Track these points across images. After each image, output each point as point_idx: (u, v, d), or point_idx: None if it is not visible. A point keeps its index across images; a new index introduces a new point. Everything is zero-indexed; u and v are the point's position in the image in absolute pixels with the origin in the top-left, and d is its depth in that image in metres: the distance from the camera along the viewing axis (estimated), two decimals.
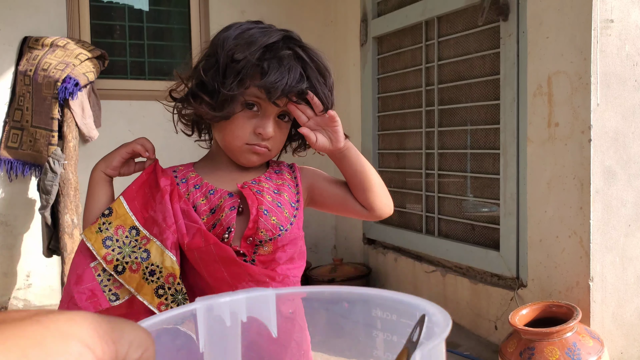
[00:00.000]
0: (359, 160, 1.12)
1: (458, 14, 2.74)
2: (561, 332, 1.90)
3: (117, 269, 0.98)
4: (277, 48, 1.00)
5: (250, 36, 1.01)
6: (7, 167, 3.11)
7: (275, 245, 1.04)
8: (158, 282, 0.98)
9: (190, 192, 1.06)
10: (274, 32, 1.03)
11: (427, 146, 2.97)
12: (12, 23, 3.16)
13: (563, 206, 2.18)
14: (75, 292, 0.97)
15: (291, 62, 1.00)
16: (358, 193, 1.13)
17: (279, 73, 0.98)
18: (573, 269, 2.14)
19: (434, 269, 2.93)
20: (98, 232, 1.01)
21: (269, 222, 1.03)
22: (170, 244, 0.99)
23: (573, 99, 2.12)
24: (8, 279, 3.20)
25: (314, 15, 3.79)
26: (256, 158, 1.07)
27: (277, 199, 1.07)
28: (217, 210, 1.03)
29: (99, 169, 1.08)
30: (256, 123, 1.03)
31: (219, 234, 1.01)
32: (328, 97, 1.05)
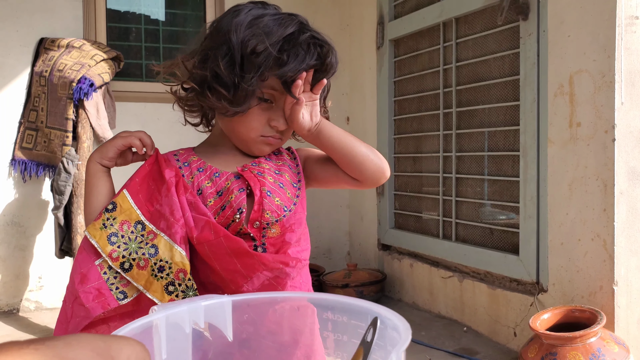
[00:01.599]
0: (335, 133, 1.06)
1: (476, 14, 2.70)
2: (585, 337, 1.83)
3: (123, 266, 0.94)
4: (295, 38, 0.98)
5: (266, 26, 0.98)
6: (22, 168, 3.11)
7: (283, 226, 1.01)
8: (168, 278, 0.94)
9: (194, 176, 1.02)
10: (288, 20, 1.00)
11: (445, 149, 2.93)
12: (29, 25, 3.17)
13: (585, 208, 2.11)
14: (81, 291, 0.94)
15: (310, 49, 0.99)
16: (343, 166, 1.08)
17: (297, 62, 0.96)
18: (596, 273, 2.08)
19: (451, 275, 2.87)
20: (102, 228, 0.96)
21: (273, 203, 1.01)
22: (180, 238, 0.95)
23: (596, 98, 2.07)
24: (20, 280, 3.19)
25: (329, 18, 3.77)
26: (269, 148, 1.06)
27: (279, 179, 1.05)
28: (224, 192, 1.00)
29: (94, 160, 1.03)
30: (270, 115, 1.01)
31: (228, 216, 0.98)
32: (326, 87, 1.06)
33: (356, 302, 0.69)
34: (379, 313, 0.63)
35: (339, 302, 0.71)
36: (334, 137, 1.06)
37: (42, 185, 3.20)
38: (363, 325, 0.64)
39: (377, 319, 0.61)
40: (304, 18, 1.05)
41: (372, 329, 0.60)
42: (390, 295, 3.34)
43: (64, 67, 2.98)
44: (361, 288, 3.14)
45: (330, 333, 0.72)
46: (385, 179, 1.10)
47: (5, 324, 2.94)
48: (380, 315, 0.62)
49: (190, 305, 0.68)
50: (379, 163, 1.07)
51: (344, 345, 0.71)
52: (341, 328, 0.70)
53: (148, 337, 0.64)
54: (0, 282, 3.16)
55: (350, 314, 0.69)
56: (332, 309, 0.71)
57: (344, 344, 0.71)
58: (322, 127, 1.05)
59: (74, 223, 2.81)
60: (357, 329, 0.68)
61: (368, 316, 0.64)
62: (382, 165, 1.08)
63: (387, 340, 0.61)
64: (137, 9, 3.57)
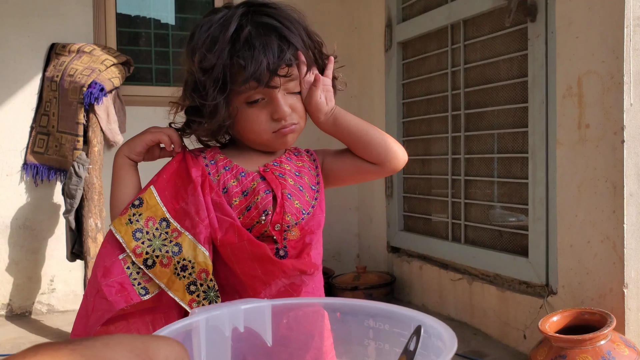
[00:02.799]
0: (350, 117, 1.08)
1: (484, 16, 2.70)
2: (595, 340, 1.82)
3: (146, 263, 0.94)
4: (242, 33, 0.96)
5: (210, 35, 0.98)
6: (33, 172, 3.14)
7: (302, 229, 1.01)
8: (190, 277, 0.94)
9: (220, 174, 1.02)
10: (232, 17, 0.98)
11: (453, 151, 2.92)
12: (40, 30, 3.21)
13: (595, 210, 2.10)
14: (104, 284, 0.93)
15: (262, 38, 0.96)
16: (361, 151, 1.08)
17: (255, 59, 0.95)
18: (606, 275, 2.07)
19: (460, 277, 2.86)
20: (128, 223, 0.96)
21: (293, 206, 1.01)
22: (204, 238, 0.95)
23: (605, 99, 2.06)
24: (32, 283, 3.22)
25: (337, 21, 3.78)
26: (290, 137, 1.04)
27: (299, 182, 1.04)
28: (250, 192, 1.00)
29: (122, 153, 1.04)
30: (269, 111, 1.00)
31: (253, 217, 0.98)
32: (315, 52, 1.02)
33: (399, 310, 0.67)
34: (423, 321, 0.61)
35: (381, 309, 0.69)
36: (351, 121, 1.08)
37: (53, 189, 3.23)
38: (406, 334, 0.62)
39: (420, 328, 0.59)
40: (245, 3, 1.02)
41: (415, 338, 0.58)
42: (400, 298, 3.34)
43: (75, 72, 3.01)
44: (370, 290, 3.14)
45: (372, 341, 0.70)
46: (403, 162, 1.10)
47: (18, 327, 2.97)
48: (424, 324, 0.60)
49: (231, 309, 0.67)
50: (395, 145, 1.09)
51: (386, 354, 0.69)
52: (383, 336, 0.68)
53: (188, 339, 0.63)
54: (13, 285, 3.19)
55: (393, 321, 0.67)
56: (374, 317, 0.69)
57: (385, 353, 0.69)
58: (337, 113, 1.07)
59: (85, 226, 2.84)
60: (400, 337, 0.66)
61: (411, 324, 0.62)
62: (398, 147, 1.09)
63: (431, 350, 0.59)
64: (147, 13, 3.59)
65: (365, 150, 1.07)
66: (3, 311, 3.17)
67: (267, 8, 1.01)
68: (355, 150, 1.09)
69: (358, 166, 1.10)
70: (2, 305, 3.18)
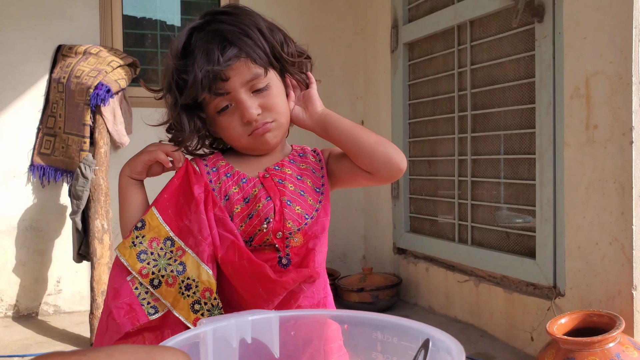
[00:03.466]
0: (342, 122, 1.05)
1: (491, 17, 2.69)
2: (603, 342, 1.81)
3: (153, 283, 0.95)
4: (187, 47, 0.99)
5: (167, 54, 1.02)
6: (40, 173, 3.15)
7: (305, 234, 1.00)
8: (194, 296, 0.95)
9: (221, 181, 1.02)
10: (182, 33, 1.01)
11: (460, 152, 2.91)
12: (47, 32, 3.22)
13: (603, 211, 2.09)
14: (114, 307, 0.95)
15: (203, 47, 0.97)
16: (354, 159, 1.04)
17: (194, 68, 0.96)
18: (614, 277, 2.05)
19: (467, 279, 2.85)
20: (132, 246, 0.98)
21: (294, 212, 1.00)
22: (207, 256, 0.95)
23: (613, 100, 2.05)
24: (39, 284, 3.23)
25: (343, 23, 3.78)
26: (269, 136, 1.02)
27: (300, 186, 1.04)
28: (251, 199, 1.00)
29: (124, 174, 1.05)
30: (238, 115, 1.00)
31: (255, 225, 0.98)
32: (267, 53, 1.00)
33: (407, 323, 0.67)
34: (431, 334, 0.61)
35: (389, 322, 0.69)
36: (341, 126, 1.04)
37: (60, 191, 3.24)
38: (414, 347, 0.62)
39: (428, 341, 0.59)
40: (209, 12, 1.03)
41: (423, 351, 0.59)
42: (406, 300, 3.33)
43: (82, 74, 3.02)
44: (377, 292, 3.13)
45: (380, 354, 0.70)
46: (399, 171, 1.03)
47: (25, 328, 2.98)
48: (432, 337, 0.60)
49: (238, 320, 0.67)
50: (390, 153, 1.02)
51: None
52: (391, 349, 0.68)
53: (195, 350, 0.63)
54: (20, 286, 3.20)
55: (401, 334, 0.67)
56: (381, 329, 0.69)
57: None
58: (329, 119, 1.05)
59: (92, 228, 2.84)
60: (408, 350, 0.66)
61: (419, 337, 0.62)
62: (393, 155, 1.02)
63: None
64: (152, 15, 3.60)
65: (357, 156, 1.04)
66: (10, 312, 3.18)
67: (220, 15, 1.01)
68: (348, 154, 1.06)
69: (353, 172, 1.06)
70: (9, 306, 3.19)
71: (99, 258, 2.79)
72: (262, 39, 0.99)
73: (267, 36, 1.01)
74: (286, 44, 1.04)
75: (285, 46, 1.04)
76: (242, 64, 0.97)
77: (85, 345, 2.67)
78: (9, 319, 3.14)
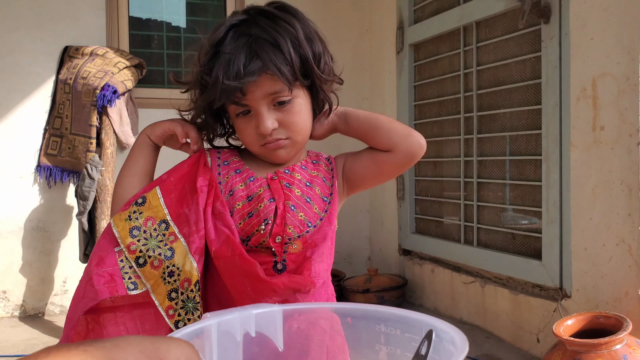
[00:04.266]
0: (360, 112, 1.08)
1: (497, 18, 2.68)
2: (610, 344, 1.80)
3: (138, 261, 0.95)
4: (221, 44, 0.96)
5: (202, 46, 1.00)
6: (47, 174, 3.16)
7: (305, 242, 0.98)
8: (174, 284, 0.94)
9: (229, 176, 1.02)
10: (225, 23, 0.98)
11: (466, 154, 2.91)
12: (54, 33, 3.23)
13: (610, 213, 2.08)
14: (95, 273, 0.94)
15: (233, 51, 0.94)
16: (373, 140, 1.06)
17: (216, 74, 0.94)
18: (621, 279, 2.05)
19: (472, 280, 2.84)
20: (127, 220, 0.97)
21: (296, 218, 0.98)
22: (195, 248, 0.95)
23: (620, 101, 2.04)
24: (45, 284, 3.24)
25: (349, 24, 3.78)
26: (280, 152, 1.02)
27: (307, 193, 1.02)
28: (254, 198, 0.99)
29: (144, 132, 1.05)
30: (255, 123, 0.99)
31: (254, 224, 0.97)
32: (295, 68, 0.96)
33: (410, 315, 0.66)
34: (434, 325, 0.61)
35: (392, 314, 0.68)
36: (360, 114, 1.08)
37: (66, 191, 3.25)
38: (417, 338, 0.62)
39: (432, 332, 0.59)
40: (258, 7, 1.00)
41: (426, 342, 0.58)
42: (412, 301, 3.33)
43: (88, 75, 3.03)
44: (382, 293, 3.13)
45: (383, 346, 0.70)
46: (419, 146, 1.05)
47: (32, 328, 2.99)
48: (435, 328, 0.60)
49: (242, 313, 0.67)
50: (409, 129, 1.07)
51: (397, 358, 0.68)
52: (394, 341, 0.68)
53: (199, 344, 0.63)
54: (26, 286, 3.21)
55: (404, 326, 0.67)
56: (385, 322, 0.69)
57: (397, 358, 0.68)
58: (347, 113, 1.08)
59: (98, 228, 2.85)
60: (411, 342, 0.65)
61: (422, 329, 0.62)
62: (412, 131, 1.06)
63: (443, 354, 0.59)
64: (158, 16, 3.61)
65: (376, 137, 1.05)
66: (16, 312, 3.20)
67: (260, 16, 0.98)
68: (368, 140, 1.07)
69: (375, 158, 1.06)
70: (16, 306, 3.20)
71: None
72: (293, 52, 0.95)
73: (302, 48, 0.97)
74: (323, 58, 1.01)
75: (320, 61, 1.00)
76: (266, 78, 0.94)
77: None
78: (15, 318, 3.16)
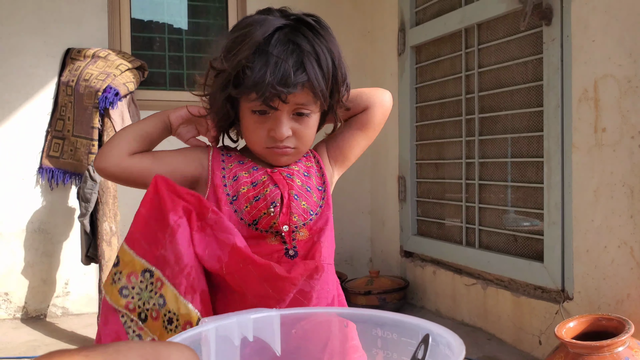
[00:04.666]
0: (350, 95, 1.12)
1: (499, 20, 2.69)
2: (612, 346, 1.80)
3: (140, 317, 0.96)
4: (269, 43, 0.96)
5: (239, 35, 0.98)
6: (49, 176, 3.17)
7: (310, 229, 1.02)
8: (176, 330, 0.93)
9: (233, 164, 1.05)
10: (270, 23, 0.97)
11: (467, 155, 2.91)
12: (56, 35, 3.24)
13: (612, 215, 2.08)
14: (103, 333, 0.97)
15: (281, 56, 0.95)
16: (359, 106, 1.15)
17: (262, 74, 0.94)
18: (623, 281, 2.04)
19: (474, 282, 2.84)
20: (112, 284, 0.98)
21: (300, 206, 1.02)
22: (184, 289, 0.93)
23: (622, 103, 2.04)
24: (47, 286, 3.24)
25: (350, 26, 3.78)
26: (284, 159, 1.05)
27: (307, 182, 1.06)
28: (259, 184, 1.02)
29: (165, 111, 1.08)
30: (269, 125, 1.00)
31: (261, 207, 0.99)
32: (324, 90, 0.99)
33: (407, 319, 0.67)
34: (431, 330, 0.61)
35: (389, 318, 0.69)
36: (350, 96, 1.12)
37: (68, 193, 3.25)
38: (414, 343, 0.62)
39: (428, 336, 0.59)
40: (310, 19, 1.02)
41: (423, 347, 0.59)
42: (413, 303, 3.33)
43: (90, 77, 3.04)
44: (384, 295, 3.13)
45: (380, 350, 0.70)
46: (389, 95, 1.20)
47: (33, 329, 2.99)
48: (432, 332, 0.60)
49: (240, 318, 0.68)
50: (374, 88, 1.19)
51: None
52: (391, 345, 0.68)
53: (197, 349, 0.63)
54: (28, 288, 3.21)
55: (401, 330, 0.67)
56: (381, 326, 0.69)
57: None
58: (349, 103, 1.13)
59: (100, 230, 2.85)
60: (408, 346, 0.66)
61: (419, 333, 0.62)
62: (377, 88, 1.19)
63: (439, 358, 0.59)
64: (160, 18, 3.62)
65: (360, 101, 1.13)
66: (18, 314, 3.20)
67: (306, 27, 0.99)
68: (355, 107, 1.14)
69: (356, 123, 1.15)
70: (18, 308, 3.20)
71: (107, 260, 2.80)
72: (331, 71, 0.99)
73: (337, 69, 1.01)
74: (346, 81, 1.06)
75: (344, 84, 1.05)
76: (303, 91, 0.97)
77: None
78: (17, 320, 3.16)
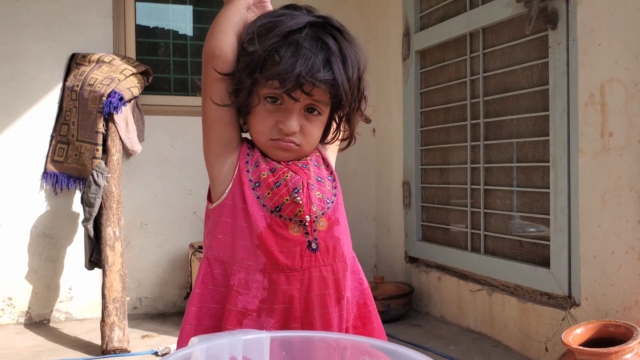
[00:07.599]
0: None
1: (504, 24, 2.67)
2: (620, 353, 1.78)
3: None
4: (299, 35, 0.96)
5: (271, 22, 0.98)
6: (53, 181, 3.17)
7: (329, 219, 1.03)
8: None
9: (255, 152, 1.05)
10: (298, 19, 0.98)
11: (473, 160, 2.89)
12: (61, 41, 3.25)
13: (619, 220, 2.06)
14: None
15: (311, 50, 0.95)
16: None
17: (291, 62, 0.94)
18: (631, 287, 2.02)
19: (479, 288, 2.82)
20: None
21: (315, 196, 1.03)
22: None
23: (629, 107, 2.02)
24: (51, 291, 3.24)
25: (355, 31, 3.69)
26: (285, 154, 1.04)
27: (318, 173, 1.07)
28: (277, 169, 1.03)
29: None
30: (278, 117, 1.00)
31: (283, 194, 1.00)
32: (347, 92, 0.99)
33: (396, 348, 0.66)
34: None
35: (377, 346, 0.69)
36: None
37: (72, 198, 3.25)
38: None
39: None
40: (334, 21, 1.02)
41: None
42: (418, 309, 3.30)
43: (95, 82, 3.04)
44: (388, 301, 3.10)
45: None
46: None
47: (37, 334, 2.99)
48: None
49: (231, 339, 0.67)
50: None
51: None
52: None
53: None
54: (32, 292, 3.21)
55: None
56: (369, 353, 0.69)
57: None
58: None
59: (104, 235, 2.85)
60: None
61: None
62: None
63: None
64: (165, 24, 3.62)
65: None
66: (22, 319, 3.19)
67: (335, 31, 1.00)
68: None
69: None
70: (21, 312, 3.19)
71: (111, 265, 2.79)
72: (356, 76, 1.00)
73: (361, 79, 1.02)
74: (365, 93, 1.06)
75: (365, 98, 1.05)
76: (324, 90, 0.98)
77: (96, 352, 2.66)
78: (20, 325, 3.15)
